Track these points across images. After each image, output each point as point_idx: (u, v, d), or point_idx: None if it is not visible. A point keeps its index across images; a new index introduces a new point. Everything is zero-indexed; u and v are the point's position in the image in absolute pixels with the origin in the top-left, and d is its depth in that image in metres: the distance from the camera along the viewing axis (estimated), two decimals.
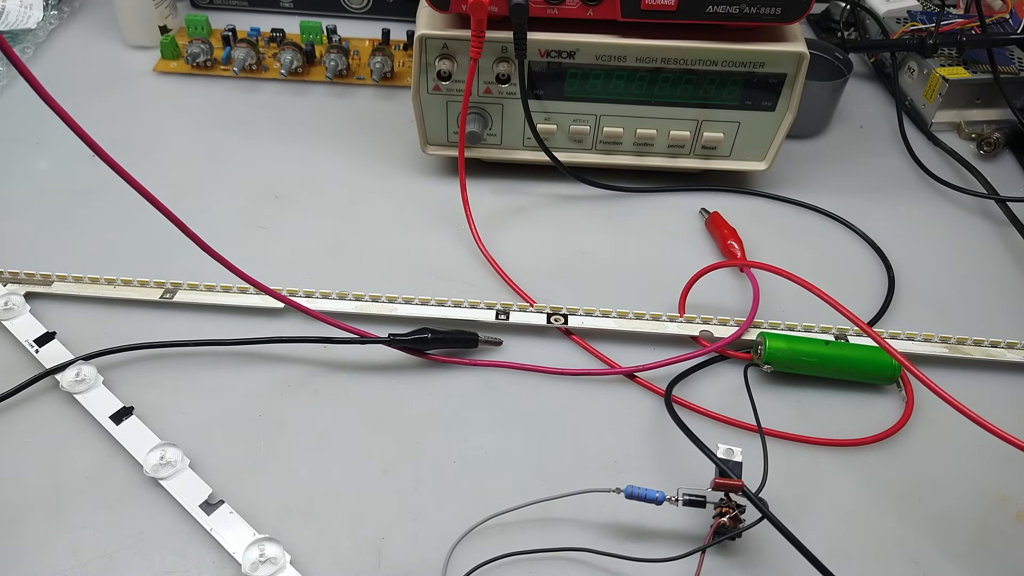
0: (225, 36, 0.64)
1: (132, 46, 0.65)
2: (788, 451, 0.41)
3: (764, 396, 0.43)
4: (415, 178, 0.56)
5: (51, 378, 0.41)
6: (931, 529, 0.38)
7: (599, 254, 0.51)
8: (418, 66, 0.50)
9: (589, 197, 0.55)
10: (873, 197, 0.56)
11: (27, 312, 0.44)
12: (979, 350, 0.45)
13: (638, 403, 0.43)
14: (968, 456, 0.42)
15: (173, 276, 0.46)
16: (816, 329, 0.46)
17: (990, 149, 0.60)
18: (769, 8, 0.47)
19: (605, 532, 0.37)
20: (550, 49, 0.49)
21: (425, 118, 0.53)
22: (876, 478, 0.40)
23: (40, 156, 0.56)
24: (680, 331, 0.45)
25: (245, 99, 0.62)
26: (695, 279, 0.48)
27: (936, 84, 0.61)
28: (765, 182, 0.57)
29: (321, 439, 0.40)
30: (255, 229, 0.51)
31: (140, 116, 0.60)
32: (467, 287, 0.48)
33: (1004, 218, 0.55)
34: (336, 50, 0.62)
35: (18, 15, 0.65)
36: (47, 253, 0.48)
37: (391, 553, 0.36)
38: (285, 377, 0.43)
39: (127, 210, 0.51)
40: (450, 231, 0.52)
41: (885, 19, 0.67)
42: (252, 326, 0.45)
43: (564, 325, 0.45)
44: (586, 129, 0.53)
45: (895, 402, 0.44)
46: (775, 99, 0.51)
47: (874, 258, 0.52)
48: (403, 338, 0.43)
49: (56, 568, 0.34)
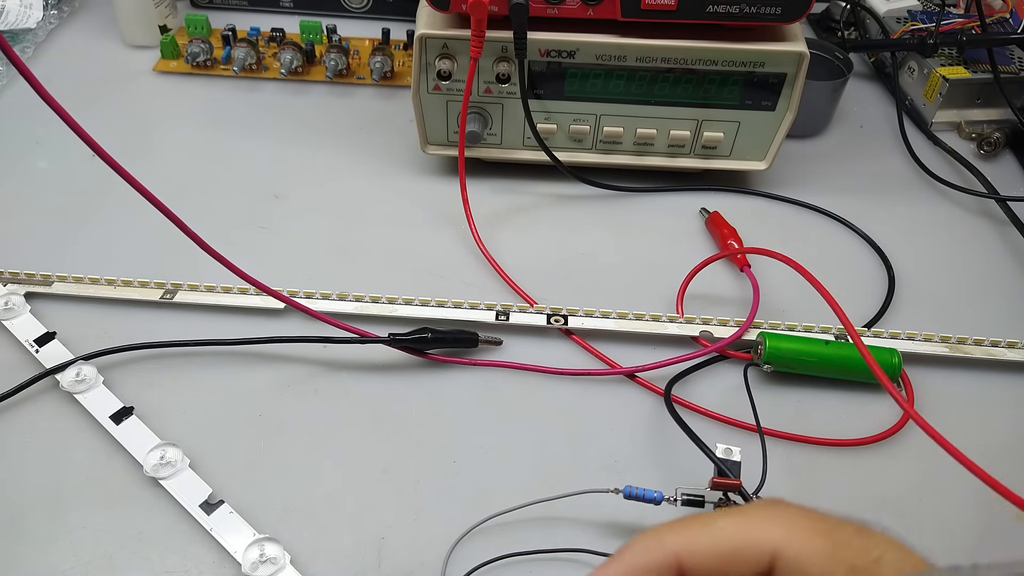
0: (225, 36, 0.64)
1: (132, 46, 0.65)
2: (788, 451, 0.41)
3: (764, 396, 0.43)
4: (415, 178, 0.56)
5: (51, 378, 0.41)
6: (931, 529, 0.38)
7: (599, 253, 0.51)
8: (418, 66, 0.50)
9: (589, 197, 0.55)
10: (873, 197, 0.56)
11: (27, 312, 0.44)
12: (979, 349, 0.45)
13: (638, 403, 0.43)
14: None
15: (173, 276, 0.46)
16: (816, 329, 0.46)
17: (990, 149, 0.60)
18: (769, 8, 0.46)
19: (605, 532, 0.37)
20: (550, 49, 0.49)
21: (425, 118, 0.53)
22: (876, 478, 0.40)
23: (40, 156, 0.56)
24: (680, 331, 0.45)
25: (245, 99, 0.62)
26: (694, 273, 0.48)
27: (936, 84, 0.61)
28: (765, 182, 0.57)
29: (321, 439, 0.40)
30: (255, 229, 0.51)
31: (140, 116, 0.60)
32: (467, 287, 0.48)
33: (1004, 218, 0.55)
34: (336, 50, 0.62)
35: (18, 15, 0.65)
36: (47, 253, 0.48)
37: (391, 553, 0.36)
38: (285, 377, 0.43)
39: (127, 210, 0.51)
40: (450, 231, 0.52)
41: (885, 19, 0.67)
42: (252, 326, 0.45)
43: (564, 326, 0.45)
44: (586, 129, 0.53)
45: (895, 402, 0.44)
46: (775, 99, 0.51)
47: (874, 258, 0.52)
48: (403, 338, 0.43)
49: (56, 568, 0.34)
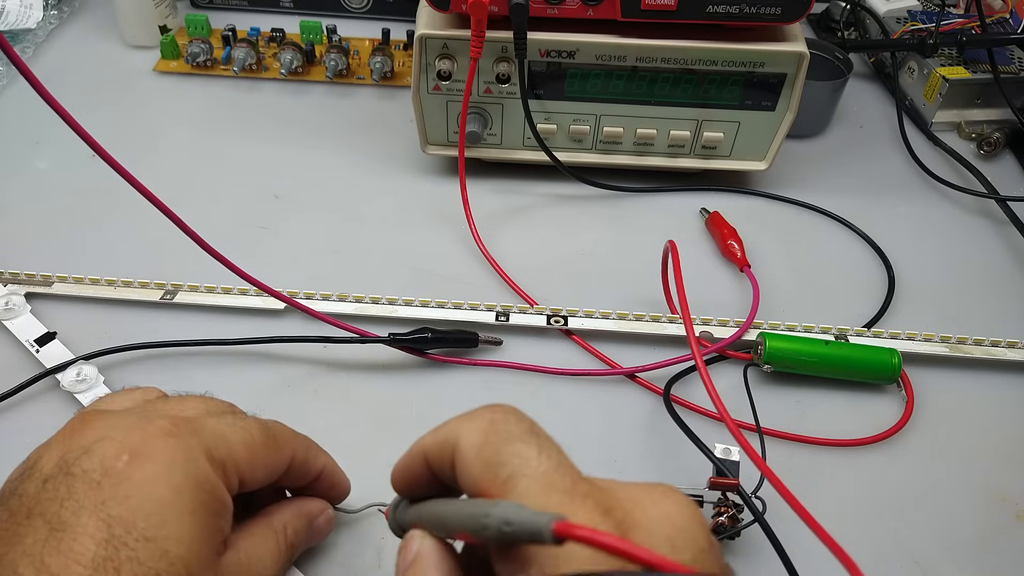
0: (225, 36, 0.64)
1: (132, 46, 0.65)
2: (788, 451, 0.41)
3: (764, 396, 0.43)
4: (415, 178, 0.56)
5: (52, 378, 0.41)
6: (931, 529, 0.38)
7: (599, 253, 0.51)
8: (418, 66, 0.50)
9: (589, 197, 0.55)
10: (873, 197, 0.56)
11: (28, 312, 0.44)
12: (979, 349, 0.45)
13: (638, 403, 0.43)
14: (968, 456, 0.42)
15: (173, 276, 0.46)
16: (816, 329, 0.46)
17: (990, 149, 0.60)
18: (769, 8, 0.46)
19: None
20: (550, 49, 0.49)
21: (425, 118, 0.53)
22: (876, 478, 0.40)
23: (40, 156, 0.56)
24: (680, 332, 0.45)
25: (245, 99, 0.62)
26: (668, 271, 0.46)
27: (936, 84, 0.61)
28: (765, 182, 0.57)
29: (321, 439, 0.40)
30: (255, 229, 0.51)
31: (140, 116, 0.60)
32: (467, 287, 0.48)
33: (1004, 218, 0.55)
34: (336, 50, 0.62)
35: (18, 15, 0.65)
36: (47, 253, 0.48)
37: (391, 553, 0.36)
38: (285, 377, 0.43)
39: (127, 210, 0.51)
40: (450, 231, 0.52)
41: (885, 19, 0.67)
42: (252, 326, 0.45)
43: (564, 326, 0.45)
44: (586, 129, 0.53)
45: (895, 402, 0.44)
46: (775, 99, 0.51)
47: (874, 258, 0.52)
48: (403, 337, 0.43)
49: None
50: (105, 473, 0.24)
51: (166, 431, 0.26)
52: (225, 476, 0.27)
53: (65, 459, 0.25)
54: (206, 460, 0.26)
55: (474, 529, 0.21)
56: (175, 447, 0.26)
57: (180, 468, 0.25)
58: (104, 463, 0.25)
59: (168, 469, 0.25)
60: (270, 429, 0.30)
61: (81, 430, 0.26)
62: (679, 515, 0.21)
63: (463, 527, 0.21)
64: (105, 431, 0.26)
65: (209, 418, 0.28)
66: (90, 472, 0.24)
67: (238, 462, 0.28)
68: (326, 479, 0.33)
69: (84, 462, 0.25)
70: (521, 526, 0.19)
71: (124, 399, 0.31)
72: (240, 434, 0.28)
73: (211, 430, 0.27)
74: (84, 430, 0.26)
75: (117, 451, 0.25)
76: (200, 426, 0.27)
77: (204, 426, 0.27)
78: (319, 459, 0.33)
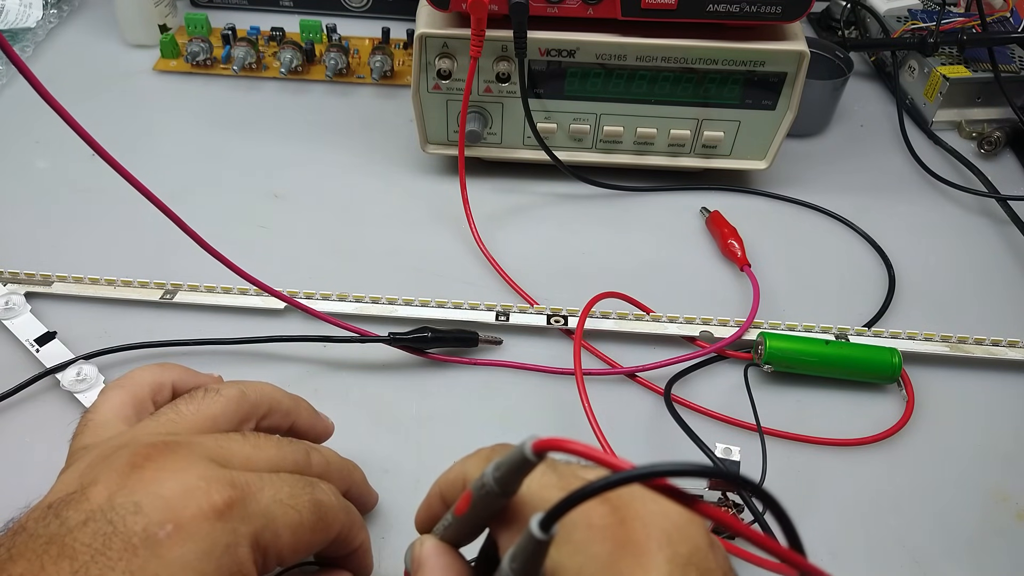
0: (225, 35, 0.64)
1: (132, 45, 0.65)
2: (788, 451, 0.41)
3: (764, 396, 0.43)
4: (415, 177, 0.56)
5: (52, 377, 0.41)
6: (931, 529, 0.38)
7: (599, 253, 0.51)
8: (418, 65, 0.49)
9: (589, 196, 0.55)
10: (873, 196, 0.56)
11: (28, 312, 0.44)
12: (980, 349, 0.45)
13: (638, 402, 0.43)
14: (968, 456, 0.42)
15: (173, 275, 0.46)
16: (816, 329, 0.46)
17: (991, 148, 0.60)
18: (769, 7, 0.46)
19: None
20: (550, 48, 0.49)
21: (425, 117, 0.53)
22: (876, 478, 0.40)
23: (40, 155, 0.56)
24: (680, 332, 0.45)
25: (245, 98, 0.62)
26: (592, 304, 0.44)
27: (937, 83, 0.61)
28: (765, 181, 0.57)
29: None
30: (255, 229, 0.51)
31: (140, 115, 0.60)
32: (467, 286, 0.48)
33: (1005, 217, 0.55)
34: (336, 49, 0.62)
35: (18, 14, 0.65)
36: (47, 253, 0.48)
37: (391, 553, 0.36)
38: (285, 377, 0.43)
39: (127, 209, 0.50)
40: (450, 230, 0.52)
41: (886, 18, 0.67)
42: (252, 326, 0.45)
43: (564, 326, 0.45)
44: (586, 128, 0.53)
45: (895, 402, 0.44)
46: (775, 98, 0.51)
47: (874, 257, 0.52)
48: (403, 337, 0.43)
49: None
50: (145, 540, 0.24)
51: (218, 511, 0.25)
52: (264, 562, 0.27)
53: (114, 502, 0.25)
54: (248, 548, 0.26)
55: (477, 493, 0.23)
56: (220, 532, 0.25)
57: (216, 558, 0.25)
58: (148, 528, 0.24)
59: (205, 556, 0.24)
60: (322, 507, 0.29)
61: (142, 470, 0.26)
62: (677, 513, 0.22)
63: (468, 491, 0.24)
64: (163, 483, 0.25)
65: (266, 488, 0.27)
66: (131, 534, 0.24)
67: (281, 549, 0.27)
68: (358, 558, 0.32)
69: (130, 520, 0.24)
70: (507, 460, 0.22)
71: (207, 405, 0.30)
72: (290, 516, 0.27)
73: (263, 511, 0.26)
74: (144, 473, 0.25)
75: (163, 519, 0.24)
76: (254, 506, 0.26)
77: (258, 505, 0.26)
78: (358, 537, 0.31)
